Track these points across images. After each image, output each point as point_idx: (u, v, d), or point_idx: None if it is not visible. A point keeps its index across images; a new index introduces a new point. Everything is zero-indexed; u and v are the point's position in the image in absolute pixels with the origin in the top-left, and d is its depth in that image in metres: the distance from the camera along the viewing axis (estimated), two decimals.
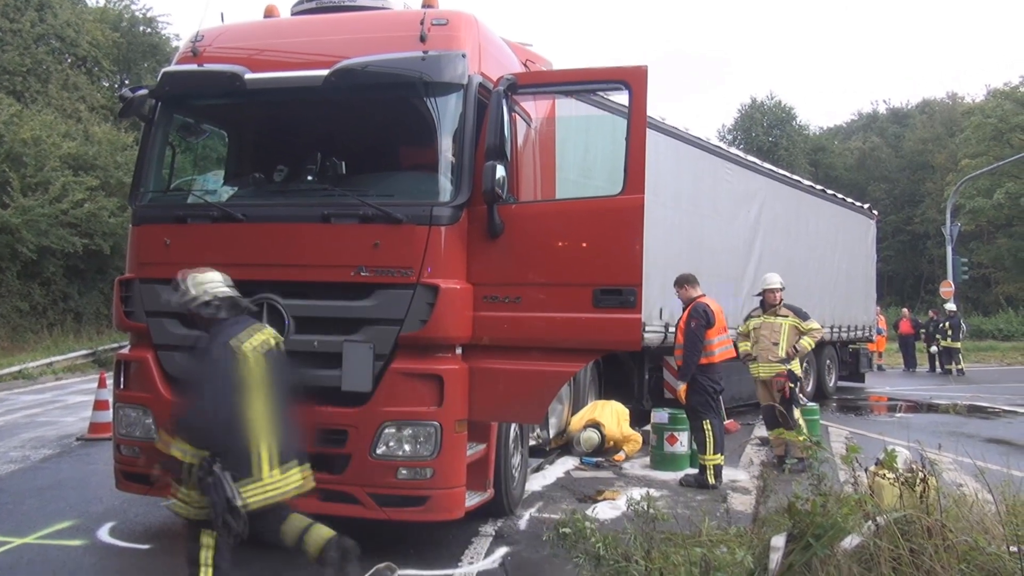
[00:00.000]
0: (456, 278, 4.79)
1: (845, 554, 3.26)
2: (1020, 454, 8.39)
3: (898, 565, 3.20)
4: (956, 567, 3.11)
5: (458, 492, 4.79)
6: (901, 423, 11.40)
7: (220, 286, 4.12)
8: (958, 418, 12.47)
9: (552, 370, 4.85)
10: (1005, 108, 38.53)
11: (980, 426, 11.48)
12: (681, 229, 10.22)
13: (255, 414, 3.70)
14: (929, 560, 3.13)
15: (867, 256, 17.16)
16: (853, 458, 3.63)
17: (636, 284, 4.66)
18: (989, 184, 36.55)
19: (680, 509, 6.08)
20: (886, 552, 3.21)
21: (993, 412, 13.35)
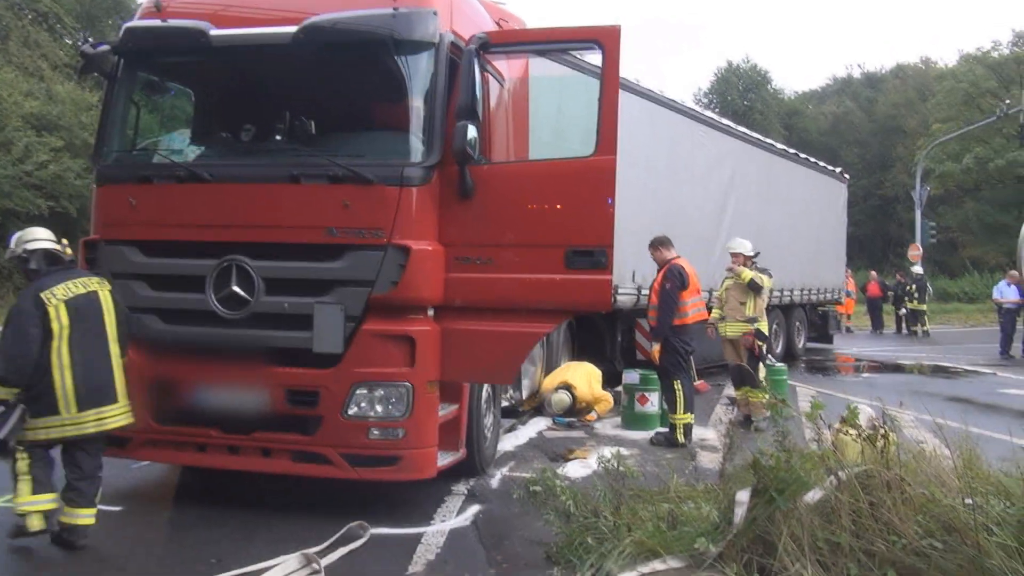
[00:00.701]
0: (427, 239, 4.77)
1: (807, 507, 3.34)
2: (978, 412, 8.62)
3: (858, 517, 3.28)
4: (913, 518, 3.20)
5: (430, 452, 4.82)
6: (866, 382, 11.65)
7: (38, 242, 4.50)
8: (921, 378, 12.76)
9: (524, 331, 4.87)
10: (976, 73, 38.82)
11: (942, 385, 11.76)
12: (655, 192, 10.23)
13: (57, 359, 4.23)
14: (887, 512, 3.22)
15: (838, 219, 17.34)
16: (817, 415, 3.70)
17: (607, 245, 4.67)
18: (958, 149, 36.96)
19: (650, 467, 6.17)
20: (846, 505, 3.30)
21: (955, 372, 13.67)
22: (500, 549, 4.44)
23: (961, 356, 16.12)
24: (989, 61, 39.39)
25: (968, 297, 35.37)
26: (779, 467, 3.43)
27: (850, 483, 3.37)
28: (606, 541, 3.81)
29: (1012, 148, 36.36)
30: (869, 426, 3.78)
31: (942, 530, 3.14)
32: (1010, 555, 2.92)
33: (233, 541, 4.49)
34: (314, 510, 5.01)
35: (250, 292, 4.76)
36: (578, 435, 7.70)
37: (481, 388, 5.86)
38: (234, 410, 4.83)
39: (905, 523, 3.18)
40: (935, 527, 3.17)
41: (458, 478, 5.71)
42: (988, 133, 35.81)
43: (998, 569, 2.89)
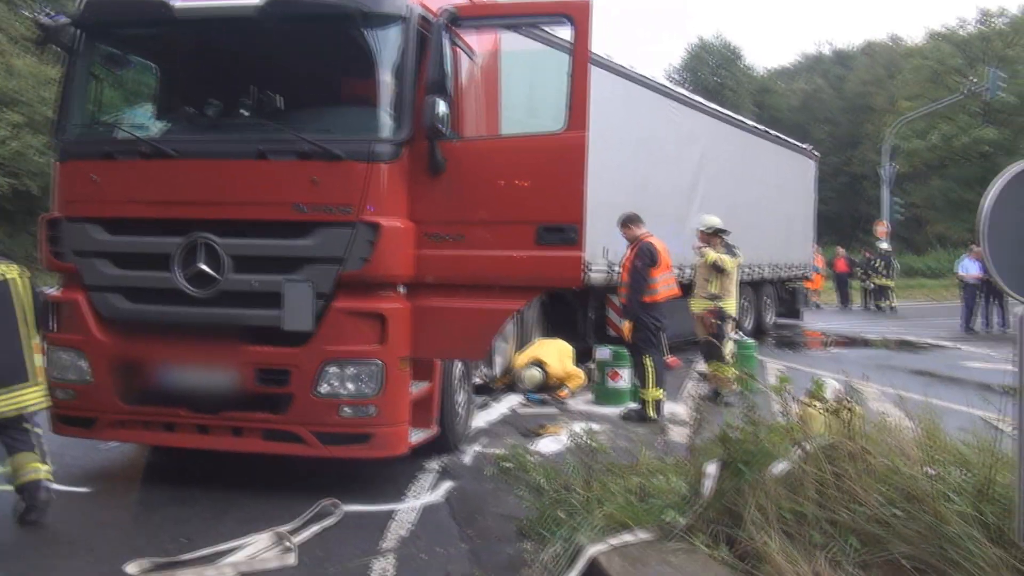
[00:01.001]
0: (398, 216, 4.74)
1: (773, 479, 3.41)
2: (941, 384, 8.81)
3: (822, 488, 3.35)
4: (875, 488, 3.28)
5: (402, 429, 4.83)
6: (833, 357, 11.84)
7: None
8: (887, 352, 13.02)
9: (495, 308, 4.87)
10: (943, 50, 39.27)
11: (907, 359, 12.00)
12: (626, 170, 10.24)
13: None
14: (851, 482, 3.29)
15: (807, 196, 17.52)
16: (784, 389, 3.76)
17: (578, 221, 4.67)
18: (925, 126, 37.47)
19: (620, 442, 6.25)
20: (812, 476, 3.36)
21: (919, 346, 13.96)
22: (473, 525, 4.47)
23: (925, 331, 16.45)
24: (956, 39, 39.87)
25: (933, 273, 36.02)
26: (747, 440, 3.49)
27: (815, 455, 3.44)
28: (577, 515, 3.85)
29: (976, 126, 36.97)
30: (835, 399, 3.85)
31: (903, 499, 3.21)
32: (967, 522, 3.01)
33: (203, 520, 4.47)
34: (285, 489, 5.00)
35: (218, 270, 4.70)
36: (550, 411, 7.75)
37: (453, 365, 5.87)
38: (203, 389, 4.79)
39: (868, 493, 3.25)
40: (896, 496, 3.24)
41: (431, 455, 5.72)
42: (953, 111, 36.35)
43: (956, 535, 2.98)
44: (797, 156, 16.82)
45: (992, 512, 3.05)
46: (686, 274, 11.77)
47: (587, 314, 10.54)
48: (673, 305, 8.77)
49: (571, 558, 3.51)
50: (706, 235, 8.55)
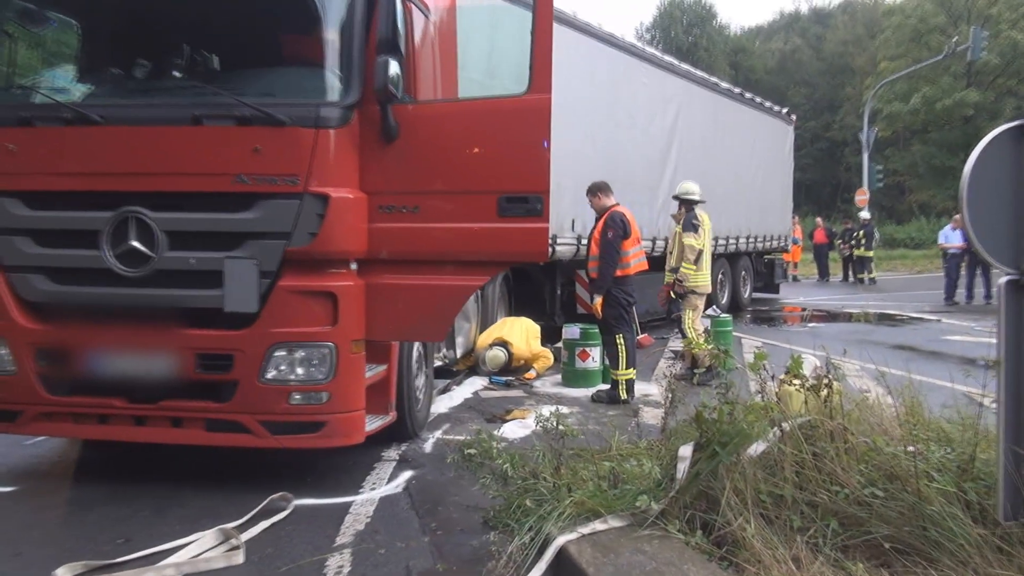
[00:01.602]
0: (348, 186, 4.68)
1: (750, 460, 3.46)
2: (922, 359, 9.04)
3: (801, 468, 3.41)
4: (856, 468, 3.35)
5: (357, 416, 4.81)
6: (812, 332, 12.07)
7: None
8: (867, 326, 13.30)
9: (455, 284, 4.85)
10: (925, 8, 39.80)
11: (887, 333, 12.27)
12: (594, 136, 10.25)
13: None
14: (830, 462, 3.36)
15: (784, 164, 17.73)
16: (760, 366, 3.81)
17: (543, 191, 4.66)
18: (906, 89, 38.05)
19: (591, 425, 6.30)
20: (790, 457, 3.42)
21: (901, 319, 14.28)
22: (434, 516, 4.48)
23: (907, 303, 16.84)
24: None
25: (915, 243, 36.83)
26: (722, 420, 3.53)
27: (793, 434, 3.49)
28: (545, 503, 3.88)
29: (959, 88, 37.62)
30: (813, 376, 3.91)
31: (884, 478, 3.29)
32: (949, 500, 3.09)
33: (143, 519, 4.41)
34: (232, 483, 4.96)
35: (151, 247, 4.61)
36: (516, 394, 7.79)
37: (411, 347, 5.85)
38: (139, 377, 4.71)
39: (848, 473, 3.32)
40: (877, 476, 3.32)
41: (388, 443, 5.73)
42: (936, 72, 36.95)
43: (937, 514, 3.05)
44: (774, 121, 16.98)
45: (975, 490, 3.14)
46: (657, 247, 11.89)
47: (554, 290, 10.58)
48: (642, 280, 8.84)
49: (539, 549, 3.53)
50: (683, 203, 8.59)
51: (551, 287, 10.57)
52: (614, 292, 7.39)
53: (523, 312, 9.56)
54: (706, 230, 8.61)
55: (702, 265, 8.50)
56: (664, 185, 12.21)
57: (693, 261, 8.36)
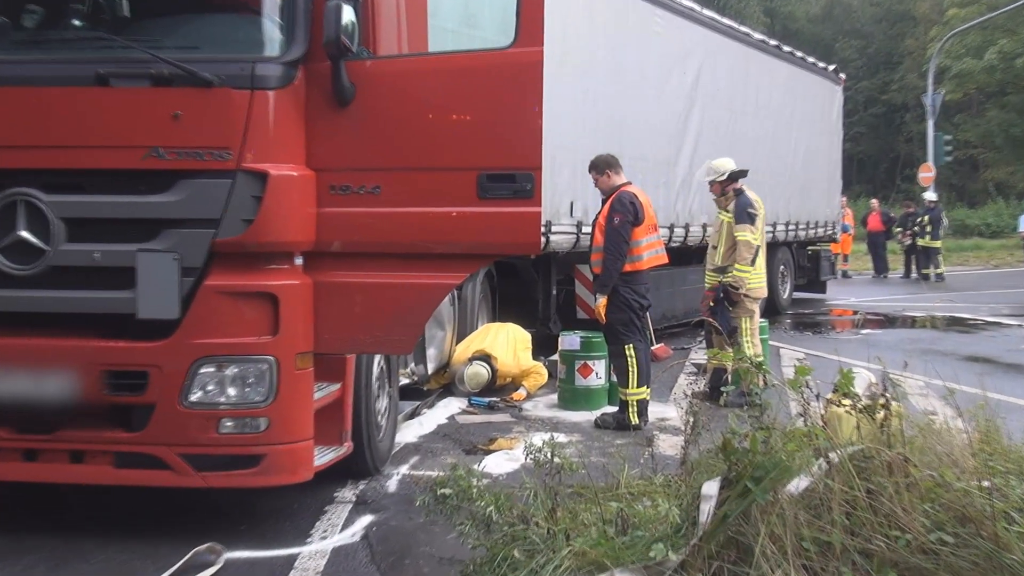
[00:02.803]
0: (292, 162, 4.69)
1: (791, 499, 3.46)
2: (1001, 373, 9.13)
3: (853, 509, 3.42)
4: (919, 508, 3.35)
5: (303, 447, 4.80)
6: (866, 340, 12.13)
7: None
8: (933, 333, 13.40)
9: (425, 283, 4.85)
10: None
11: (958, 341, 12.37)
12: (597, 99, 10.27)
13: None
14: (888, 502, 3.36)
15: (831, 133, 17.83)
16: (803, 383, 3.82)
17: (534, 167, 4.67)
18: (980, 41, 38.22)
19: (595, 457, 6.31)
20: (839, 495, 3.42)
21: (974, 325, 14.40)
22: (400, 570, 4.48)
23: (981, 305, 16.96)
24: None
25: (991, 231, 37.09)
26: (755, 450, 3.53)
27: (843, 467, 3.50)
28: (538, 554, 3.87)
29: None
30: (867, 395, 3.92)
31: (954, 521, 3.29)
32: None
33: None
34: (148, 532, 4.94)
35: (45, 239, 4.58)
36: (502, 419, 7.80)
37: (371, 362, 5.85)
38: (30, 401, 4.68)
39: (910, 514, 3.32)
40: (946, 518, 3.32)
41: (343, 481, 5.71)
42: (1016, 21, 37.14)
43: (1020, 564, 3.07)
44: (819, 80, 17.07)
45: None
46: (675, 235, 11.93)
47: (549, 290, 10.60)
48: (659, 277, 8.82)
49: None
50: (717, 187, 8.52)
51: (544, 286, 10.58)
52: (623, 292, 7.41)
53: (510, 317, 9.56)
54: (761, 217, 8.55)
55: (757, 262, 8.46)
56: (683, 159, 12.26)
57: (751, 260, 8.28)
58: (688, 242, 12.36)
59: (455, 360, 8.62)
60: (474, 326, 9.26)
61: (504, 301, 10.27)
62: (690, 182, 12.23)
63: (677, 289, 12.20)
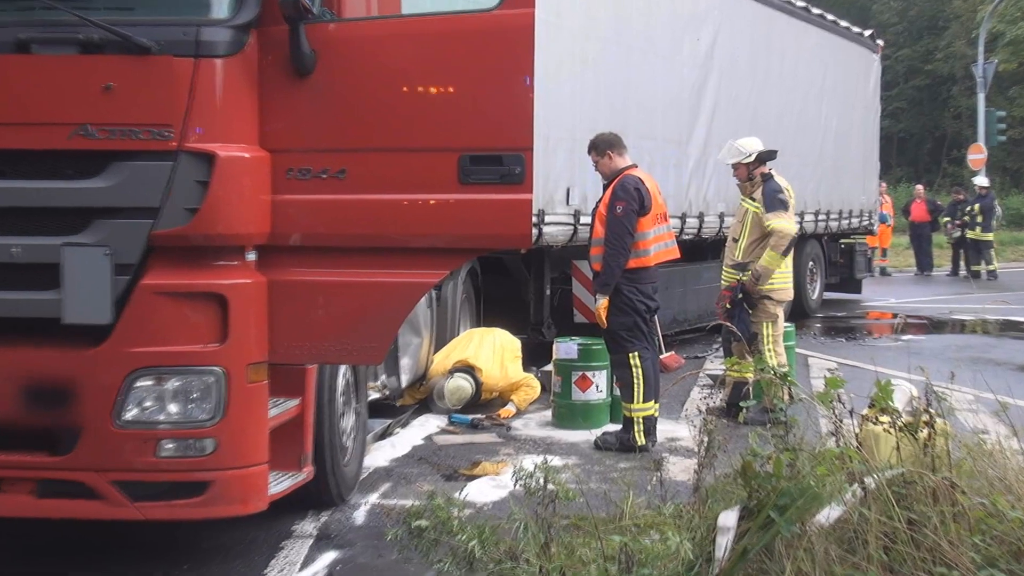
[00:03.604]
0: (243, 141, 4.68)
1: (820, 531, 3.48)
2: None
3: (892, 542, 3.44)
4: (969, 540, 3.37)
5: (256, 473, 4.79)
6: (908, 348, 12.17)
7: None
8: (985, 339, 13.43)
9: (398, 282, 4.85)
10: None
11: (1013, 349, 12.42)
12: (598, 68, 10.28)
13: None
14: (933, 533, 3.38)
15: (867, 108, 17.87)
16: (835, 398, 3.83)
17: (524, 147, 4.67)
18: None
19: (594, 483, 6.32)
20: (876, 526, 3.44)
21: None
22: None
23: None
24: None
25: None
26: (780, 475, 3.55)
27: (881, 494, 3.51)
28: None
29: None
30: (908, 411, 3.93)
31: (1009, 556, 3.31)
32: None
33: None
34: (74, 573, 4.88)
35: None
36: (487, 440, 7.81)
37: (335, 374, 5.85)
38: None
39: (957, 548, 3.34)
40: (998, 552, 3.34)
41: (303, 512, 5.71)
42: None
43: None
44: (853, 48, 17.11)
45: None
46: (687, 226, 11.93)
47: (541, 290, 10.59)
48: (669, 274, 8.83)
49: None
50: (743, 169, 8.52)
51: (537, 286, 10.58)
52: (627, 292, 7.41)
53: (497, 322, 9.56)
54: (792, 206, 8.55)
55: (787, 259, 8.47)
56: (697, 137, 12.27)
57: (785, 250, 8.27)
58: (703, 234, 12.37)
59: (433, 372, 8.61)
60: (455, 332, 9.26)
61: (490, 303, 10.27)
62: (705, 164, 12.24)
63: (690, 288, 12.20)
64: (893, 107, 43.18)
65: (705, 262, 12.64)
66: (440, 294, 8.96)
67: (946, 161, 46.31)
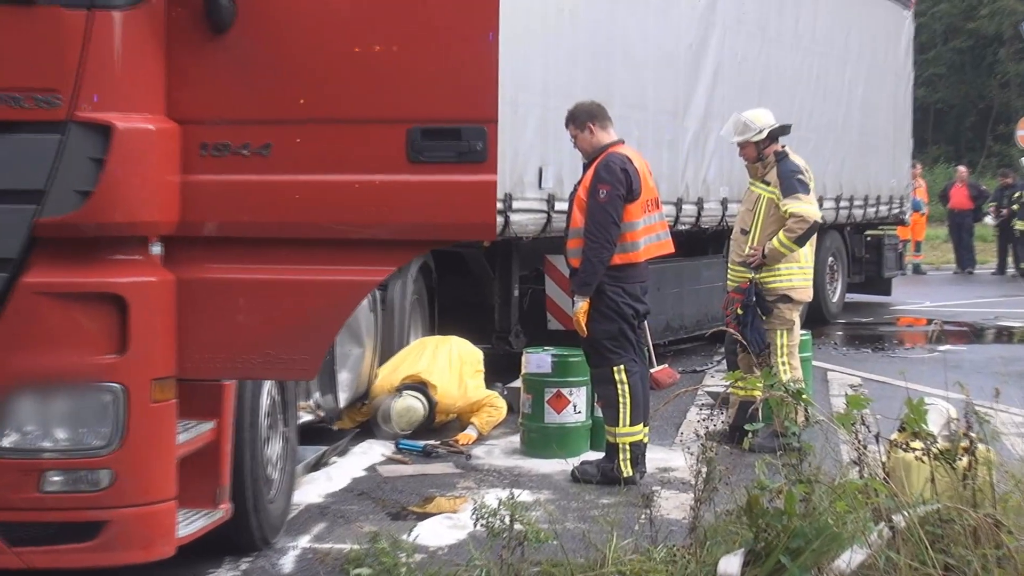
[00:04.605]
0: (147, 111, 4.66)
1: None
2: None
3: None
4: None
5: (161, 512, 4.77)
6: (945, 360, 12.22)
7: None
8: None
9: (336, 280, 4.84)
10: None
11: None
12: (577, 23, 10.29)
13: None
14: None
15: (898, 74, 17.97)
16: (857, 418, 3.86)
17: (487, 119, 4.67)
18: None
19: (571, 522, 6.33)
20: (906, 572, 3.47)
21: None
22: None
23: None
24: None
25: None
26: (792, 512, 3.56)
27: (912, 534, 3.54)
28: None
29: None
30: (945, 435, 3.96)
31: None
32: None
33: None
34: None
35: None
36: (442, 470, 7.82)
37: (259, 392, 5.86)
38: None
39: None
40: None
41: (219, 558, 5.72)
42: None
43: None
44: (882, 2, 17.18)
45: None
46: (684, 214, 11.96)
47: (508, 291, 10.59)
48: (662, 272, 8.87)
49: None
50: (752, 148, 8.52)
51: (503, 286, 10.58)
52: (610, 294, 7.42)
53: (455, 330, 9.55)
54: (812, 189, 8.54)
55: (804, 252, 8.47)
56: (696, 107, 12.30)
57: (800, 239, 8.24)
58: (702, 223, 12.41)
59: (377, 389, 8.60)
60: (404, 342, 9.24)
61: (446, 306, 10.26)
62: (705, 139, 12.29)
63: (686, 289, 12.22)
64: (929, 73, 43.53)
65: (705, 257, 12.68)
66: (386, 295, 8.95)
67: (991, 138, 46.71)
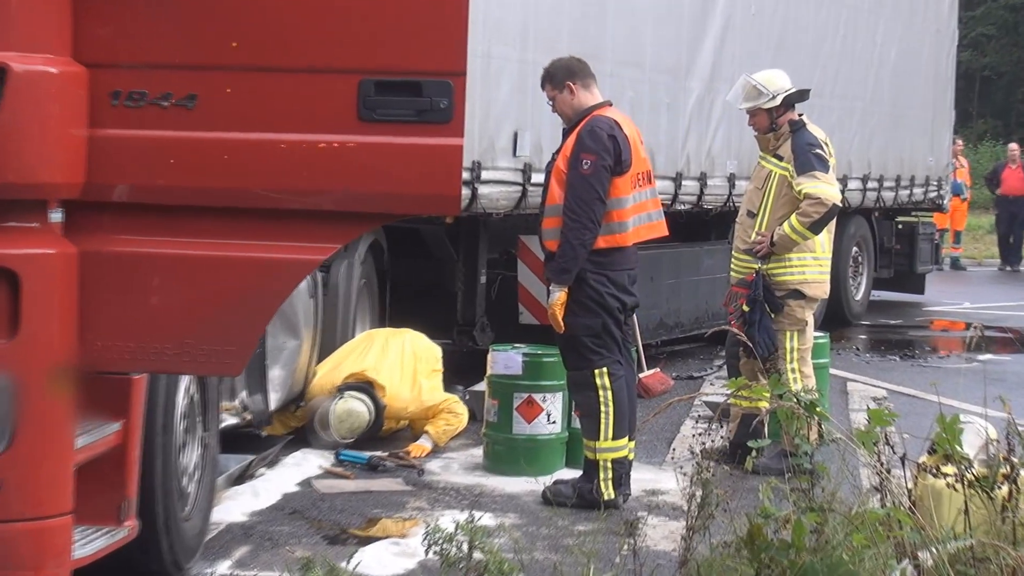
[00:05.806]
0: (48, 51, 4.66)
1: None
2: None
3: None
4: None
5: (54, 527, 4.76)
6: (986, 372, 12.31)
7: None
8: None
9: (269, 259, 4.83)
10: None
11: None
12: None
13: None
14: None
15: (940, 33, 18.03)
16: (880, 437, 3.88)
17: (454, 72, 4.67)
18: None
19: (541, 552, 6.35)
20: None
21: None
22: None
23: None
24: None
25: None
26: (800, 545, 3.59)
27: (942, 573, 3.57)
28: None
29: None
30: (982, 459, 3.99)
31: None
32: None
33: None
34: None
35: None
36: (390, 487, 7.85)
37: (175, 388, 5.89)
38: None
39: None
40: None
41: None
42: None
43: None
44: None
45: None
46: (684, 191, 11.98)
47: (474, 277, 10.60)
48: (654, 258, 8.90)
49: None
50: (763, 117, 8.53)
51: (468, 270, 10.59)
52: (592, 283, 7.43)
53: (410, 321, 9.56)
54: (833, 167, 8.58)
55: (820, 240, 8.52)
56: (701, 66, 12.32)
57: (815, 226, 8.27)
58: (704, 203, 12.44)
59: (315, 389, 8.60)
60: (349, 334, 9.25)
61: (400, 293, 10.27)
62: (711, 104, 12.32)
63: (684, 280, 12.25)
64: (976, 33, 43.78)
65: (707, 244, 12.71)
66: (328, 278, 8.95)
67: None
